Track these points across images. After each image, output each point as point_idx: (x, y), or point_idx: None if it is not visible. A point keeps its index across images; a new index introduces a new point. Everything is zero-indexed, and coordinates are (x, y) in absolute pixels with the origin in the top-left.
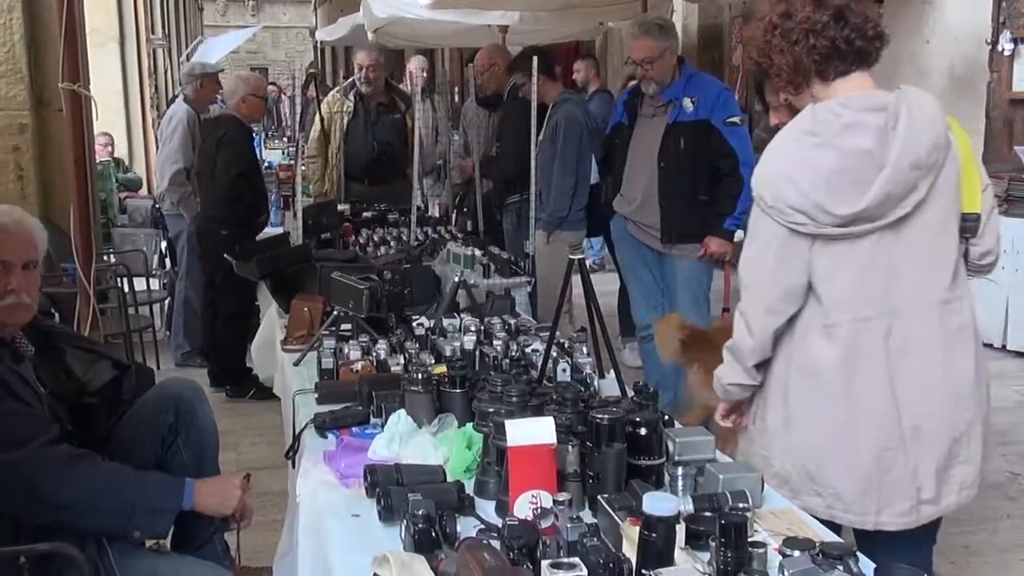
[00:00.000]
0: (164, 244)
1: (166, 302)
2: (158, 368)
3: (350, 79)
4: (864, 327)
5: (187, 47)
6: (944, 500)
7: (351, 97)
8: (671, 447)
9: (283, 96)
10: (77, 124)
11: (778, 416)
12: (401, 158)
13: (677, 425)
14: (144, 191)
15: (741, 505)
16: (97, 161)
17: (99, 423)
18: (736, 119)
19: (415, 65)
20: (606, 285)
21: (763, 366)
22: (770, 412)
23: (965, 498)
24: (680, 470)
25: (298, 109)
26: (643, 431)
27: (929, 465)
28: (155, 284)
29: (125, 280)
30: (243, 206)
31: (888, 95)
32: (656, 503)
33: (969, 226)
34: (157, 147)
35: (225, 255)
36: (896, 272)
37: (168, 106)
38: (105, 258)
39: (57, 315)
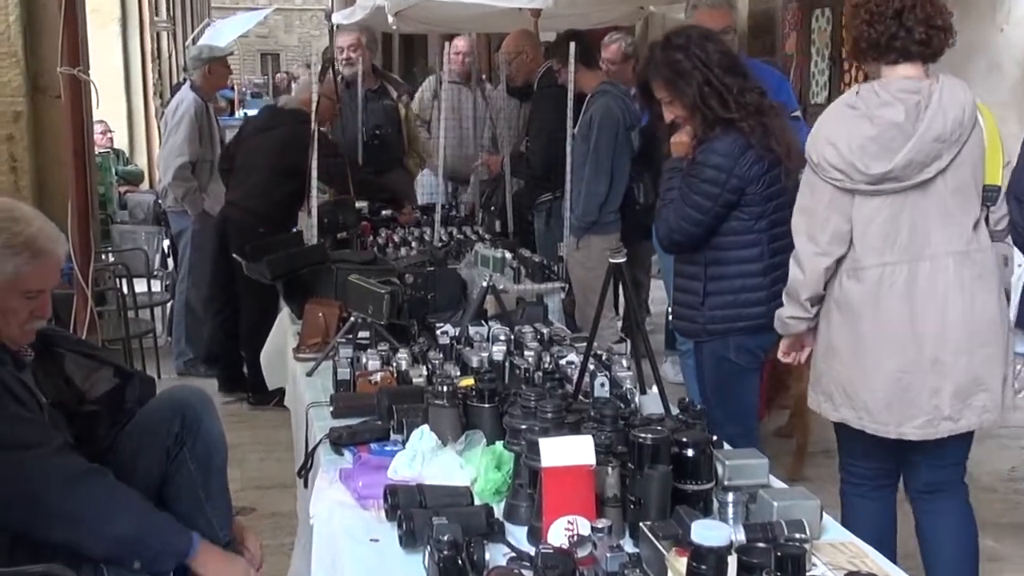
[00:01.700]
0: (167, 243)
1: (168, 305)
2: (159, 377)
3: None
4: (889, 270)
5: (193, 30)
6: (963, 420)
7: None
8: (721, 470)
9: (294, 86)
10: (76, 112)
11: (823, 344)
12: (395, 145)
13: (727, 447)
14: (145, 185)
15: (798, 535)
16: (96, 152)
17: (100, 433)
18: (797, 113)
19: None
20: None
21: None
22: (819, 341)
23: (987, 421)
24: (731, 496)
25: (314, 99)
26: (690, 452)
27: (948, 390)
28: (156, 286)
29: (125, 281)
30: (289, 208)
31: (925, 81)
32: (706, 532)
33: (989, 195)
34: (160, 137)
35: (234, 254)
36: (920, 226)
37: (173, 93)
38: (103, 257)
39: (52, 319)
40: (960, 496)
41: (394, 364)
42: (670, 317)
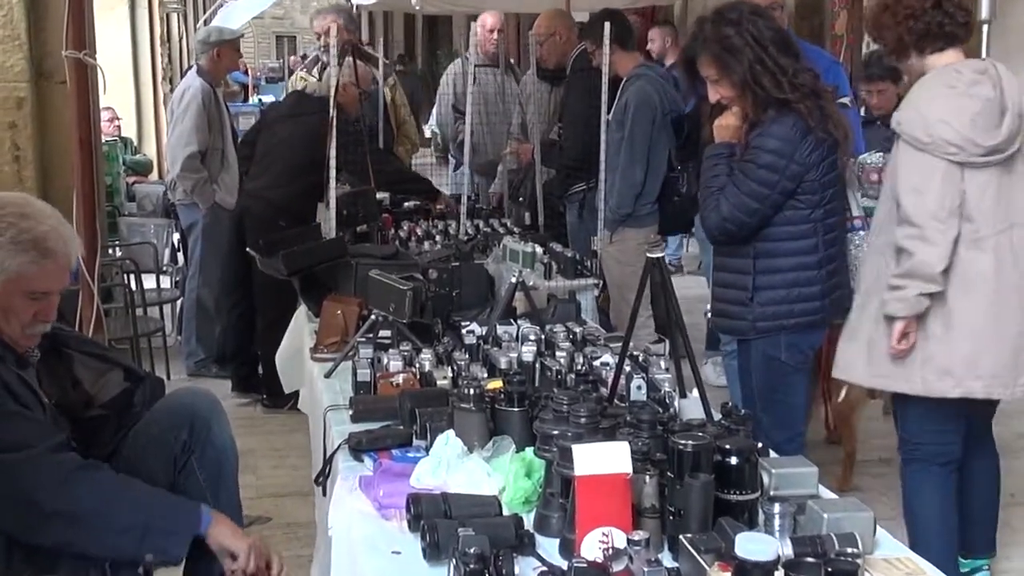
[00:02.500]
0: (176, 236)
1: (178, 303)
2: (168, 378)
3: (314, 53)
4: (1003, 238)
5: (205, 11)
6: None
7: (315, 73)
8: (767, 479)
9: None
10: (82, 98)
11: (938, 321)
12: (384, 134)
13: (772, 454)
14: (155, 175)
15: (850, 550)
16: (102, 140)
17: (105, 439)
18: (846, 100)
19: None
20: (686, 290)
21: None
22: (930, 320)
23: None
24: (777, 507)
25: (332, 84)
26: (734, 460)
27: None
28: (166, 282)
29: (132, 277)
30: (311, 201)
31: (981, 62)
32: (751, 545)
33: None
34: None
35: (247, 249)
36: (1013, 195)
37: (184, 78)
38: (110, 252)
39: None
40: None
41: (417, 365)
42: (709, 315)
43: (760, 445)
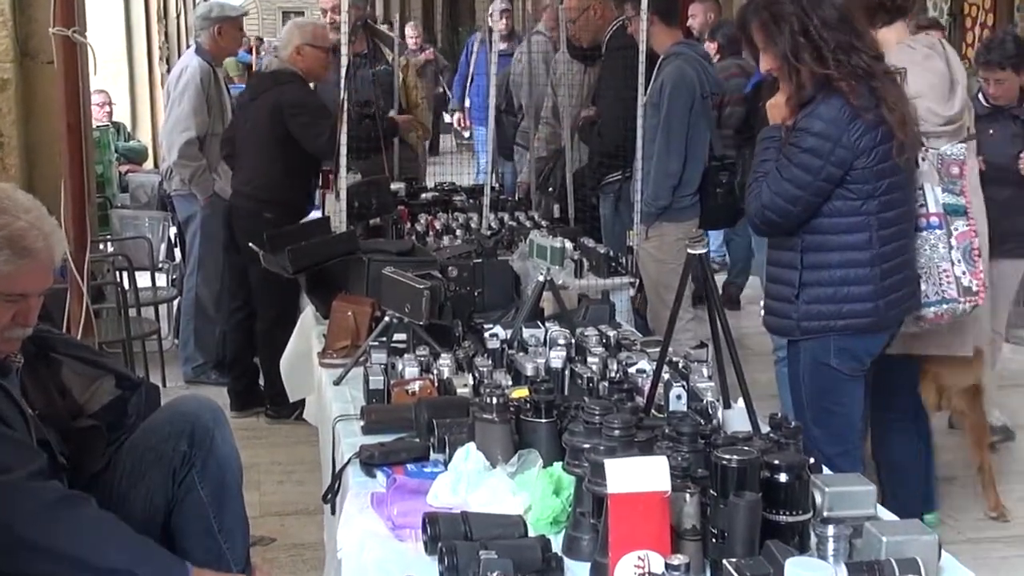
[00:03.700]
0: (173, 231)
1: (175, 303)
2: (164, 385)
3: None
4: None
5: None
6: None
7: None
8: (819, 499)
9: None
10: (71, 79)
11: None
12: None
13: (826, 470)
14: (150, 164)
15: None
16: (94, 126)
17: (97, 451)
18: None
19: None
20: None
21: None
22: None
23: None
24: (831, 529)
25: (343, 63)
26: (783, 477)
27: None
28: (162, 280)
29: (125, 275)
30: (293, 187)
31: (928, 38)
32: (802, 571)
33: None
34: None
35: (250, 244)
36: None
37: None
38: (101, 247)
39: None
40: None
41: (435, 372)
42: (762, 314)
43: (812, 461)
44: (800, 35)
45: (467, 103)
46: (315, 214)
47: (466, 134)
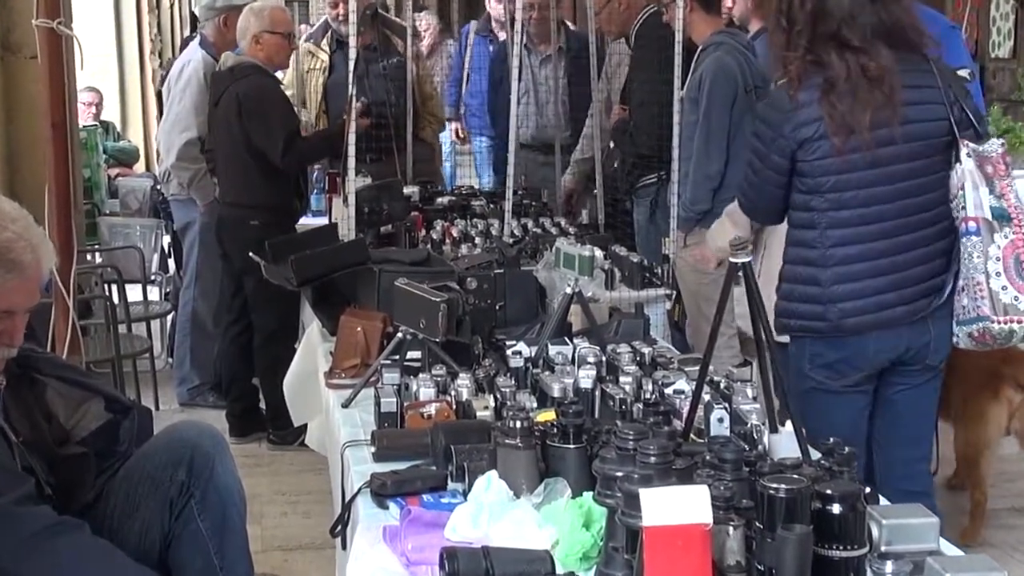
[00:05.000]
0: (168, 240)
1: (169, 319)
2: (157, 408)
3: (322, 20)
4: None
5: None
6: None
7: (325, 46)
8: (876, 532)
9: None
10: (56, 76)
11: None
12: (404, 120)
13: (884, 502)
14: (141, 166)
15: None
16: (80, 126)
17: (86, 481)
18: (965, 73)
19: None
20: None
21: None
22: None
23: None
24: (890, 565)
25: (351, 57)
26: (836, 508)
27: None
28: (155, 294)
29: (115, 288)
30: (271, 190)
31: None
32: None
33: None
34: (160, 108)
35: (251, 254)
36: None
37: (175, 52)
38: (89, 257)
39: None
40: None
41: (452, 393)
42: None
43: (868, 490)
44: (781, 15)
45: (462, 109)
46: (321, 221)
47: (465, 148)
